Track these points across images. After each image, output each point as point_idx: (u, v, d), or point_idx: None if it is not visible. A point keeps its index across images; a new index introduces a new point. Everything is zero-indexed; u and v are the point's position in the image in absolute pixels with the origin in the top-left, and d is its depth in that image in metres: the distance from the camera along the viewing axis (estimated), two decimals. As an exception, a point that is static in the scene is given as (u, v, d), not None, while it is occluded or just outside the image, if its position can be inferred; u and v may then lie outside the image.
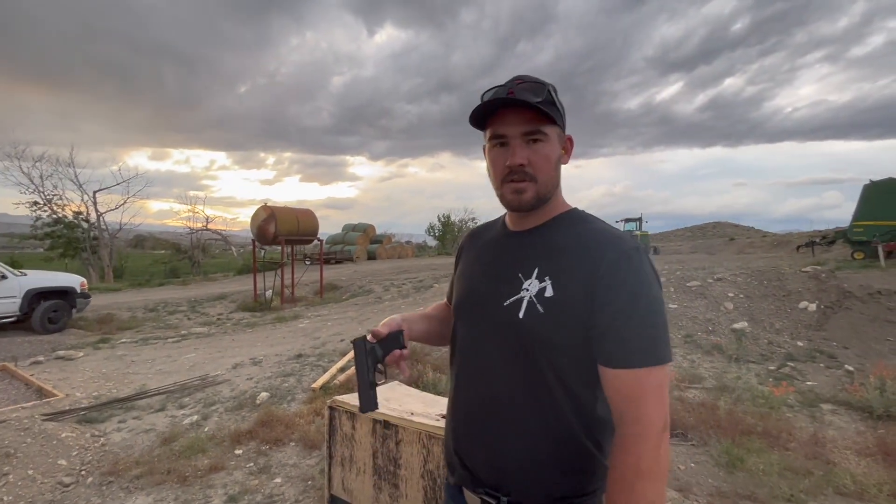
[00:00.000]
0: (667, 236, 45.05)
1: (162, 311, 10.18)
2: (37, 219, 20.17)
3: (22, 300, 7.60)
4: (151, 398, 4.43)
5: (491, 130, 0.86)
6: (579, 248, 0.81)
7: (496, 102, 0.83)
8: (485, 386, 0.87)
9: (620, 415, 0.75)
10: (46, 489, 2.72)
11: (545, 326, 0.79)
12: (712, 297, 7.61)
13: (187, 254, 25.25)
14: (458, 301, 0.97)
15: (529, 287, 0.82)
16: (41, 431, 3.22)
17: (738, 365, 5.53)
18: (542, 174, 0.84)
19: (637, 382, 0.73)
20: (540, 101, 0.81)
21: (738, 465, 2.96)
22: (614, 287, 0.75)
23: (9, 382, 5.05)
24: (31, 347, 6.77)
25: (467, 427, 0.90)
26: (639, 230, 25.88)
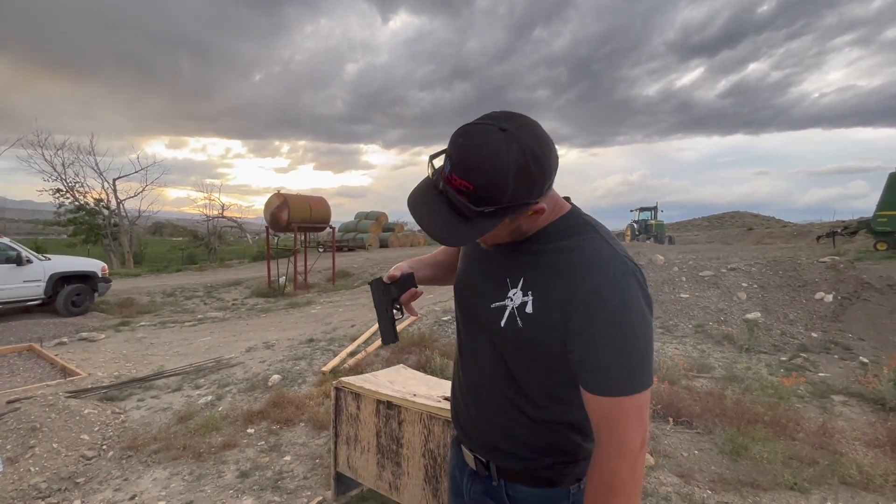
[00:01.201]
0: (683, 226, 44.26)
1: (179, 296, 10.45)
2: (60, 205, 20.74)
3: (46, 284, 7.88)
4: (168, 378, 4.59)
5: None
6: (566, 267, 0.77)
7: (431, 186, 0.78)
8: (476, 372, 0.95)
9: (598, 433, 0.75)
10: (70, 461, 2.87)
11: (521, 340, 0.81)
12: (725, 286, 7.50)
13: (204, 241, 25.73)
14: (459, 283, 1.01)
15: (513, 297, 0.82)
16: (65, 408, 3.38)
17: (749, 355, 5.47)
18: (500, 240, 0.85)
19: (616, 408, 0.72)
20: (470, 199, 0.69)
21: (742, 452, 2.96)
22: (591, 315, 0.72)
23: (35, 362, 5.28)
24: (56, 329, 7.03)
25: (464, 401, 1.00)
26: (654, 219, 25.47)
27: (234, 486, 2.66)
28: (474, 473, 0.97)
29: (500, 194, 0.68)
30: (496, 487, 0.92)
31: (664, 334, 6.37)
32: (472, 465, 0.97)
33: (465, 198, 0.70)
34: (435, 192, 0.76)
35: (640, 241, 23.33)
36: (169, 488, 2.64)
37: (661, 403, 3.63)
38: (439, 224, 0.74)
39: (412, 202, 0.79)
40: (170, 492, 2.60)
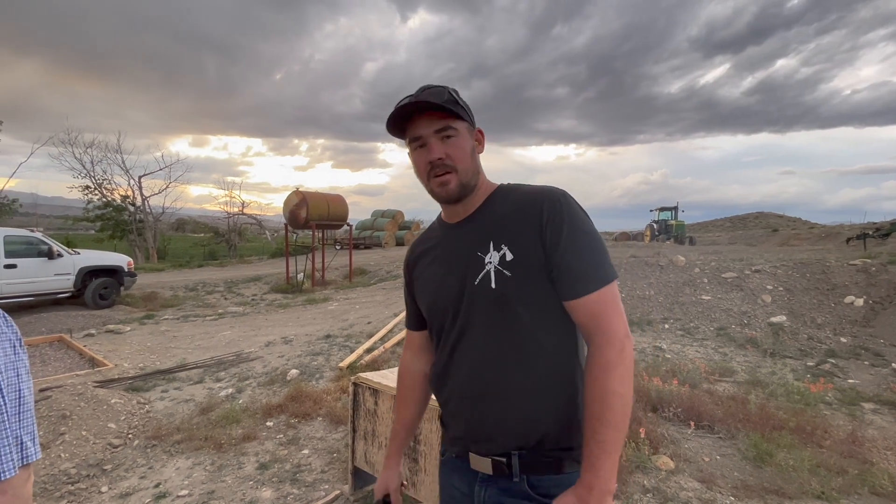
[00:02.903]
0: (705, 226, 43.23)
1: (201, 291, 10.70)
2: (88, 202, 21.46)
3: (76, 277, 8.16)
4: (191, 371, 4.70)
5: (409, 135, 0.95)
6: (518, 211, 0.91)
7: (406, 109, 0.91)
8: (478, 363, 0.92)
9: (589, 333, 0.86)
10: (98, 449, 2.97)
11: (516, 286, 0.87)
12: (749, 289, 7.30)
13: (224, 237, 26.28)
14: (432, 304, 1.01)
15: (491, 259, 0.90)
16: (93, 397, 3.49)
17: (774, 360, 5.32)
18: (460, 163, 0.93)
19: (599, 302, 0.84)
20: (444, 101, 0.90)
21: (766, 459, 2.88)
22: (557, 229, 0.86)
23: (65, 352, 5.48)
24: (84, 321, 7.28)
25: (465, 407, 0.96)
26: (674, 219, 24.95)
27: (254, 478, 2.71)
28: (489, 479, 0.94)
29: (456, 96, 0.94)
30: (517, 484, 0.90)
31: (684, 336, 6.24)
32: (487, 470, 0.93)
33: (449, 96, 0.92)
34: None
35: (659, 242, 22.90)
36: (191, 478, 2.70)
37: (681, 407, 3.55)
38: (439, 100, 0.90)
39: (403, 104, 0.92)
40: (192, 481, 2.67)
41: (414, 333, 1.17)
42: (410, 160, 0.99)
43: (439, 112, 0.91)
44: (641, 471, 2.76)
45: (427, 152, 0.92)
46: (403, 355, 1.21)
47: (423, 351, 1.15)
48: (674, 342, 5.98)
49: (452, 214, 1.01)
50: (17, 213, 20.78)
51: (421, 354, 1.15)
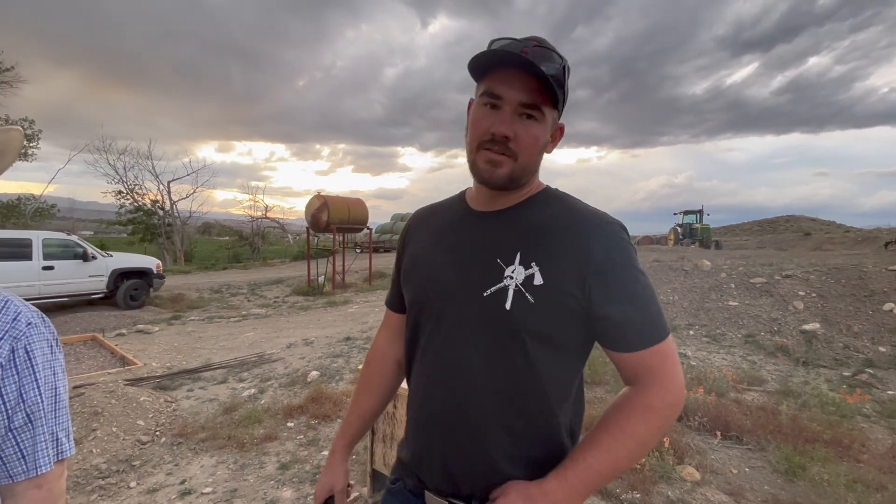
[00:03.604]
0: (731, 230, 42.01)
1: (225, 293, 10.97)
2: (121, 206, 22.30)
3: (108, 279, 8.49)
4: (215, 371, 4.82)
5: (486, 86, 0.76)
6: (562, 231, 0.76)
7: (506, 57, 0.72)
8: (460, 385, 0.78)
9: (637, 377, 0.75)
10: (127, 445, 3.06)
11: (535, 316, 0.73)
12: (779, 295, 7.04)
13: (248, 240, 26.91)
14: (419, 294, 0.86)
15: (514, 274, 0.75)
16: (124, 394, 3.62)
17: (807, 369, 5.11)
18: (524, 155, 0.76)
19: (658, 355, 0.74)
20: (552, 74, 0.72)
21: (798, 473, 2.76)
22: (613, 276, 0.73)
23: (97, 350, 5.69)
24: (116, 321, 7.55)
25: (436, 428, 0.81)
26: (699, 223, 24.35)
27: (275, 478, 2.75)
28: None
29: (566, 75, 0.77)
30: None
31: (710, 343, 6.06)
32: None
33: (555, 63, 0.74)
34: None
35: (684, 246, 22.36)
36: (215, 476, 2.76)
37: (707, 416, 3.44)
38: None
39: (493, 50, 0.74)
40: (216, 479, 2.72)
41: (394, 315, 1.02)
42: (469, 113, 0.81)
43: (535, 83, 0.73)
44: (665, 481, 2.68)
45: (497, 119, 0.74)
46: (378, 336, 1.06)
47: (402, 336, 0.98)
48: (699, 349, 5.81)
49: (482, 200, 0.85)
50: (55, 218, 21.75)
51: (399, 339, 1.00)
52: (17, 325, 0.67)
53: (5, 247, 7.36)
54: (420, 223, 0.95)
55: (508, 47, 0.73)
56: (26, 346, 0.67)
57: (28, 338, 0.68)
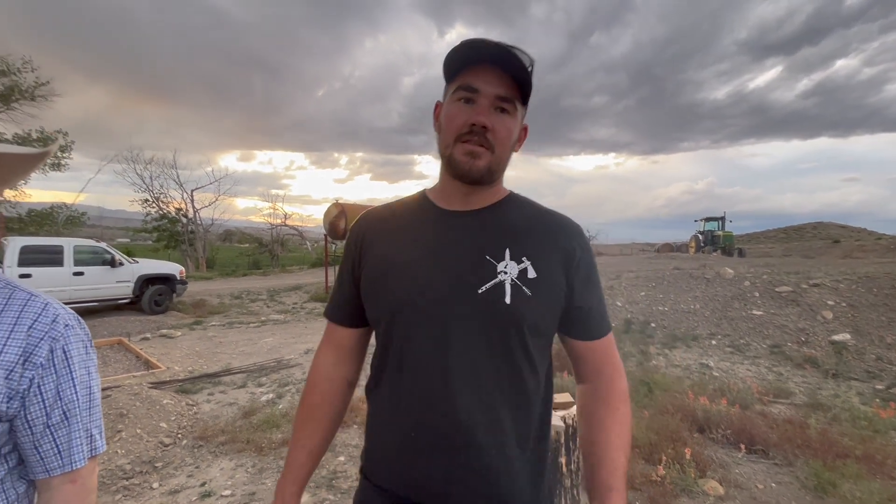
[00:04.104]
0: (755, 237, 40.89)
1: (245, 299, 11.18)
2: (147, 214, 23.01)
3: (135, 284, 8.75)
4: (235, 376, 4.91)
5: (462, 81, 0.77)
6: (543, 229, 0.82)
7: (484, 50, 0.74)
8: (466, 392, 0.74)
9: (598, 368, 0.84)
10: (150, 447, 3.14)
11: (532, 309, 0.75)
12: (807, 304, 6.82)
13: (268, 247, 27.39)
14: (400, 300, 0.78)
15: (507, 269, 0.76)
16: (147, 397, 3.71)
17: (837, 381, 4.92)
18: (500, 147, 0.77)
19: (609, 342, 0.86)
20: (529, 71, 0.75)
21: (829, 490, 2.65)
22: (586, 269, 0.82)
23: (123, 354, 5.86)
24: (141, 325, 7.76)
25: (438, 449, 0.75)
26: (721, 229, 23.78)
27: (292, 482, 2.77)
28: None
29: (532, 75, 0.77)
30: None
31: (733, 353, 5.89)
32: None
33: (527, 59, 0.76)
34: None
35: (705, 253, 21.85)
36: (234, 478, 2.80)
37: (730, 428, 3.34)
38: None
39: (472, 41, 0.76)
40: (235, 482, 2.77)
41: (342, 330, 0.91)
42: (442, 109, 0.82)
43: (508, 78, 0.75)
44: (687, 494, 2.61)
45: (474, 110, 0.75)
46: (320, 356, 0.93)
47: (352, 354, 0.93)
48: (722, 359, 5.65)
49: (455, 199, 0.83)
50: (86, 225, 22.57)
51: (348, 358, 0.93)
52: (55, 327, 0.70)
53: (39, 253, 7.67)
54: (376, 227, 0.88)
55: (487, 44, 0.75)
56: (64, 346, 0.70)
57: (66, 339, 0.71)
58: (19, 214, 16.09)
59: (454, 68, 0.78)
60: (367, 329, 0.92)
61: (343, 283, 0.91)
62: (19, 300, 0.70)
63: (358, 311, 0.88)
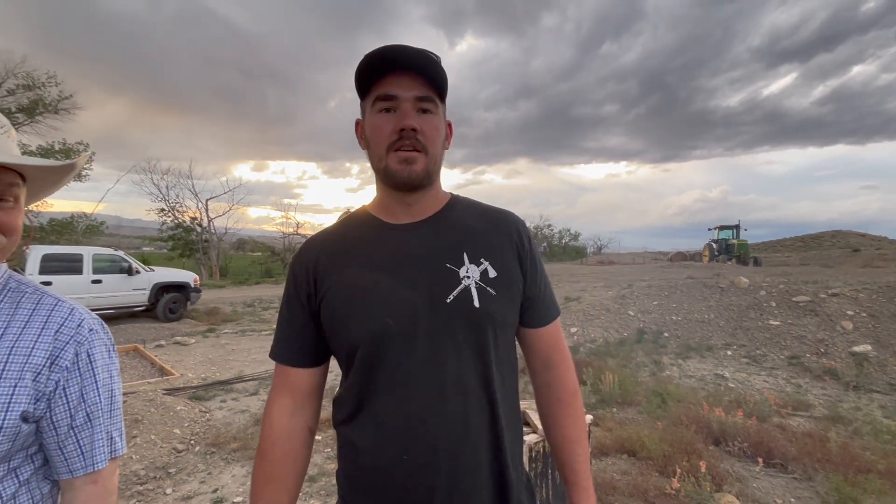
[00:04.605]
0: (771, 246, 40.16)
1: (257, 307, 11.29)
2: (162, 223, 23.48)
3: (150, 292, 8.91)
4: (247, 383, 4.95)
5: (378, 92, 0.76)
6: (493, 227, 0.84)
7: (391, 54, 0.73)
8: (454, 406, 0.73)
9: (550, 356, 0.87)
10: (164, 453, 3.18)
11: (499, 306, 0.77)
12: (825, 314, 6.66)
13: (280, 256, 27.71)
14: (372, 326, 0.74)
15: (469, 273, 0.77)
16: (162, 403, 3.76)
17: (858, 394, 4.78)
18: (431, 146, 0.77)
19: (556, 330, 0.89)
20: (436, 66, 0.75)
21: (851, 506, 2.57)
22: (534, 260, 0.85)
23: (139, 361, 5.95)
24: (155, 332, 7.89)
25: (432, 474, 0.72)
26: (735, 238, 23.42)
27: (302, 490, 2.77)
28: None
29: (446, 84, 0.78)
30: None
31: (749, 364, 5.77)
32: None
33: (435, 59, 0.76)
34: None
35: (720, 262, 21.52)
36: (245, 485, 2.82)
37: (747, 441, 3.27)
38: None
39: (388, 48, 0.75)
40: (246, 489, 2.78)
41: (298, 372, 0.82)
42: (364, 125, 0.80)
43: (421, 78, 0.75)
44: (703, 509, 2.55)
45: (399, 117, 0.74)
46: (275, 406, 0.83)
47: (311, 397, 0.84)
48: (738, 370, 5.54)
49: (398, 212, 0.82)
50: (104, 234, 23.08)
51: (307, 402, 0.84)
52: (81, 331, 0.73)
53: (60, 262, 7.87)
54: (327, 252, 0.82)
55: (389, 49, 0.74)
56: (88, 350, 0.73)
57: (90, 343, 0.73)
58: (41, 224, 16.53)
59: (365, 83, 0.77)
60: (325, 366, 0.86)
61: (294, 318, 0.82)
62: (47, 305, 0.73)
63: (315, 348, 0.82)
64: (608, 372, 4.57)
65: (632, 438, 3.25)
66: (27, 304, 0.72)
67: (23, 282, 0.75)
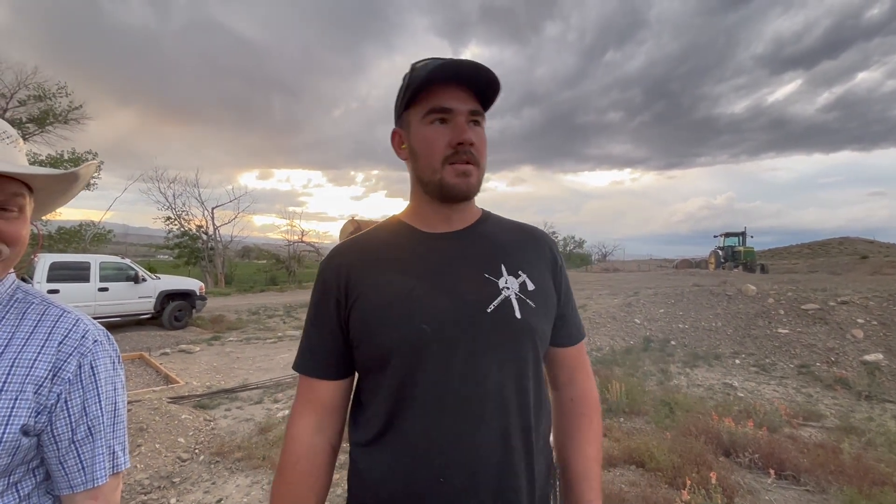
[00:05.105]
0: (778, 253, 39.83)
1: (262, 315, 11.31)
2: (169, 231, 23.66)
3: (156, 300, 8.95)
4: (251, 391, 4.94)
5: (431, 103, 0.74)
6: (528, 242, 0.84)
7: (454, 67, 0.72)
8: (496, 418, 0.70)
9: (573, 373, 0.87)
10: (168, 462, 3.16)
11: (538, 320, 0.77)
12: (835, 322, 6.57)
13: (284, 264, 27.78)
14: (409, 334, 0.71)
15: (508, 285, 0.76)
16: (167, 412, 3.76)
17: (871, 404, 4.69)
18: (482, 160, 0.77)
19: (582, 349, 0.89)
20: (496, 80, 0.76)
21: (866, 520, 2.51)
22: (565, 277, 0.86)
23: (144, 369, 5.96)
24: (161, 340, 7.91)
25: (466, 487, 0.69)
26: (741, 245, 23.27)
27: None
28: None
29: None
30: None
31: (759, 373, 5.69)
32: None
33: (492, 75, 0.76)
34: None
35: (726, 270, 21.36)
36: (250, 496, 2.80)
37: (758, 452, 3.21)
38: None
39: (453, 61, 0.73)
40: (250, 499, 2.76)
41: (325, 385, 0.79)
42: (410, 136, 0.78)
43: (471, 91, 0.76)
44: (714, 522, 2.50)
45: (455, 131, 0.73)
46: (299, 423, 0.78)
47: (335, 413, 0.80)
48: (747, 379, 5.47)
49: (436, 222, 0.81)
50: (111, 242, 23.28)
51: (332, 419, 0.80)
52: (84, 343, 0.72)
53: (67, 269, 7.92)
54: (359, 259, 0.79)
55: (455, 62, 0.73)
56: (91, 362, 0.71)
57: (94, 354, 0.72)
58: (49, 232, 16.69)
59: (415, 93, 0.76)
60: (350, 381, 0.82)
61: (321, 328, 0.79)
62: (52, 316, 0.72)
63: (342, 359, 0.78)
64: (615, 381, 4.52)
65: (640, 449, 3.20)
66: (32, 315, 0.71)
67: (29, 292, 0.75)
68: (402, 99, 0.78)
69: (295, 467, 0.76)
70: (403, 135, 0.81)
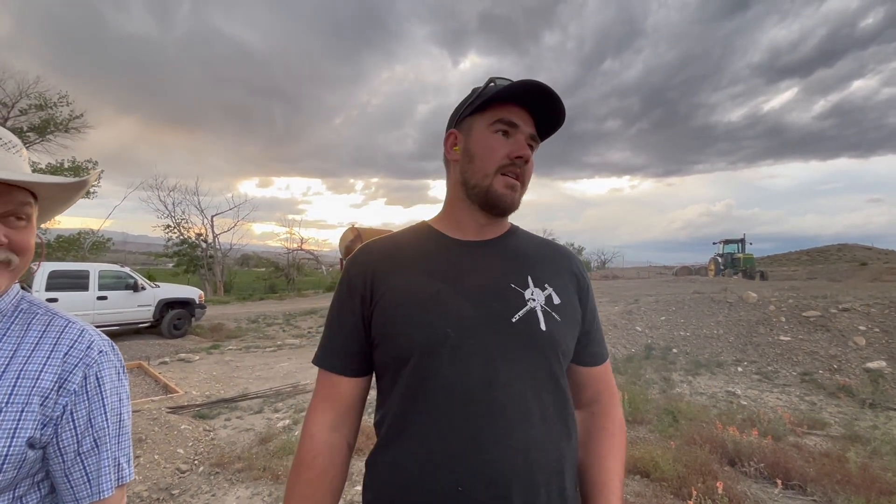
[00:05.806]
0: (777, 260, 39.86)
1: (261, 323, 11.25)
2: (168, 239, 23.64)
3: (155, 308, 8.91)
4: (251, 401, 4.89)
5: (501, 115, 0.78)
6: (551, 257, 0.85)
7: (535, 88, 0.75)
8: (519, 429, 0.68)
9: (598, 394, 0.85)
10: (167, 473, 3.12)
11: (563, 334, 0.76)
12: (837, 329, 6.56)
13: (284, 272, 27.74)
14: (430, 335, 0.70)
15: (535, 297, 0.75)
16: (166, 422, 3.72)
17: (875, 412, 4.67)
18: (528, 181, 0.81)
19: (608, 369, 0.88)
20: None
21: (875, 530, 2.48)
22: (590, 295, 0.85)
23: (143, 378, 5.91)
24: (160, 349, 7.85)
25: (485, 497, 0.66)
26: (741, 252, 23.29)
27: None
28: None
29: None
30: None
31: (761, 381, 5.66)
32: None
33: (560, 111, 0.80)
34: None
35: (726, 277, 21.36)
36: (250, 508, 2.75)
37: (763, 461, 3.18)
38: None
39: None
40: (250, 511, 2.71)
41: (344, 381, 0.79)
42: (470, 139, 0.80)
43: (537, 120, 0.81)
44: (721, 533, 2.46)
45: (516, 145, 0.77)
46: (316, 418, 0.78)
47: (353, 411, 0.80)
48: (749, 387, 5.44)
49: (469, 230, 0.82)
50: (110, 251, 23.25)
51: (349, 416, 0.80)
52: (90, 353, 0.71)
53: (66, 278, 7.89)
54: (385, 259, 0.80)
55: (539, 85, 0.76)
56: (97, 373, 0.70)
57: (99, 365, 0.71)
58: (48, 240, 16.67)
59: (489, 101, 0.78)
60: (368, 379, 0.82)
61: (344, 325, 0.79)
62: (57, 327, 0.71)
63: (363, 356, 0.79)
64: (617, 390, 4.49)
65: (644, 459, 3.17)
66: (37, 325, 0.70)
67: (34, 303, 0.74)
68: (471, 104, 0.80)
69: (312, 464, 0.76)
70: (460, 137, 0.83)
